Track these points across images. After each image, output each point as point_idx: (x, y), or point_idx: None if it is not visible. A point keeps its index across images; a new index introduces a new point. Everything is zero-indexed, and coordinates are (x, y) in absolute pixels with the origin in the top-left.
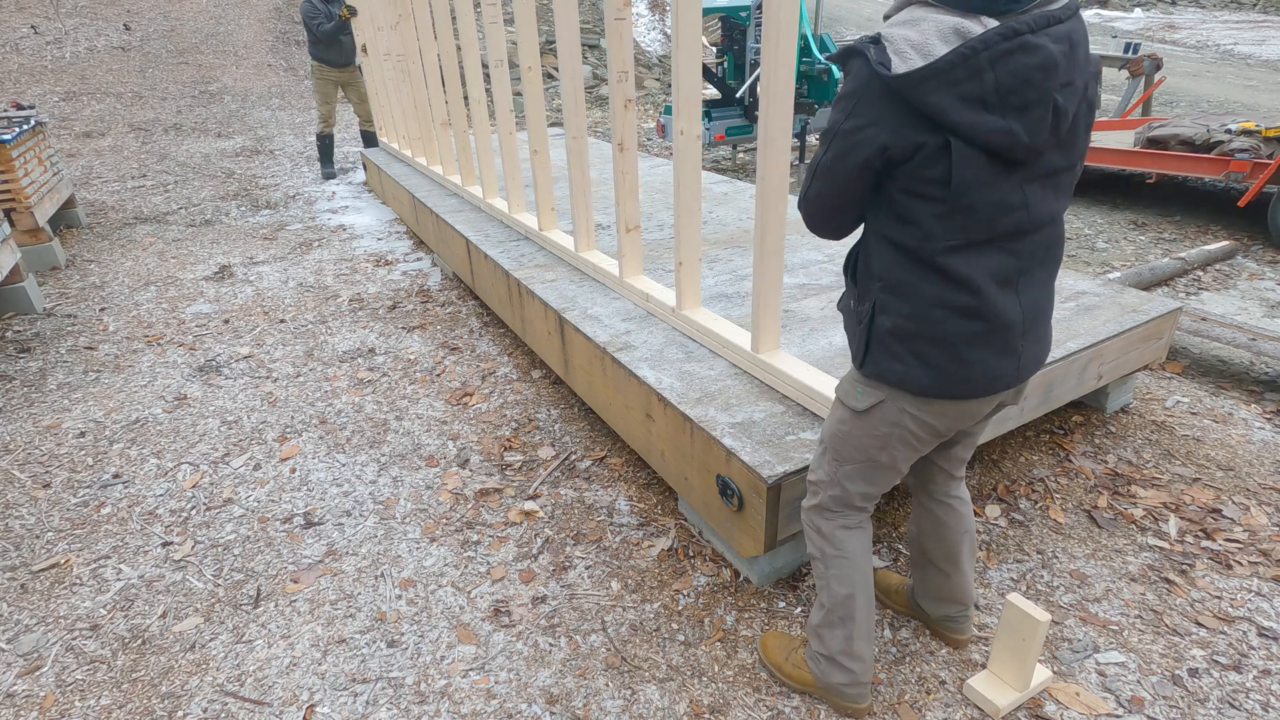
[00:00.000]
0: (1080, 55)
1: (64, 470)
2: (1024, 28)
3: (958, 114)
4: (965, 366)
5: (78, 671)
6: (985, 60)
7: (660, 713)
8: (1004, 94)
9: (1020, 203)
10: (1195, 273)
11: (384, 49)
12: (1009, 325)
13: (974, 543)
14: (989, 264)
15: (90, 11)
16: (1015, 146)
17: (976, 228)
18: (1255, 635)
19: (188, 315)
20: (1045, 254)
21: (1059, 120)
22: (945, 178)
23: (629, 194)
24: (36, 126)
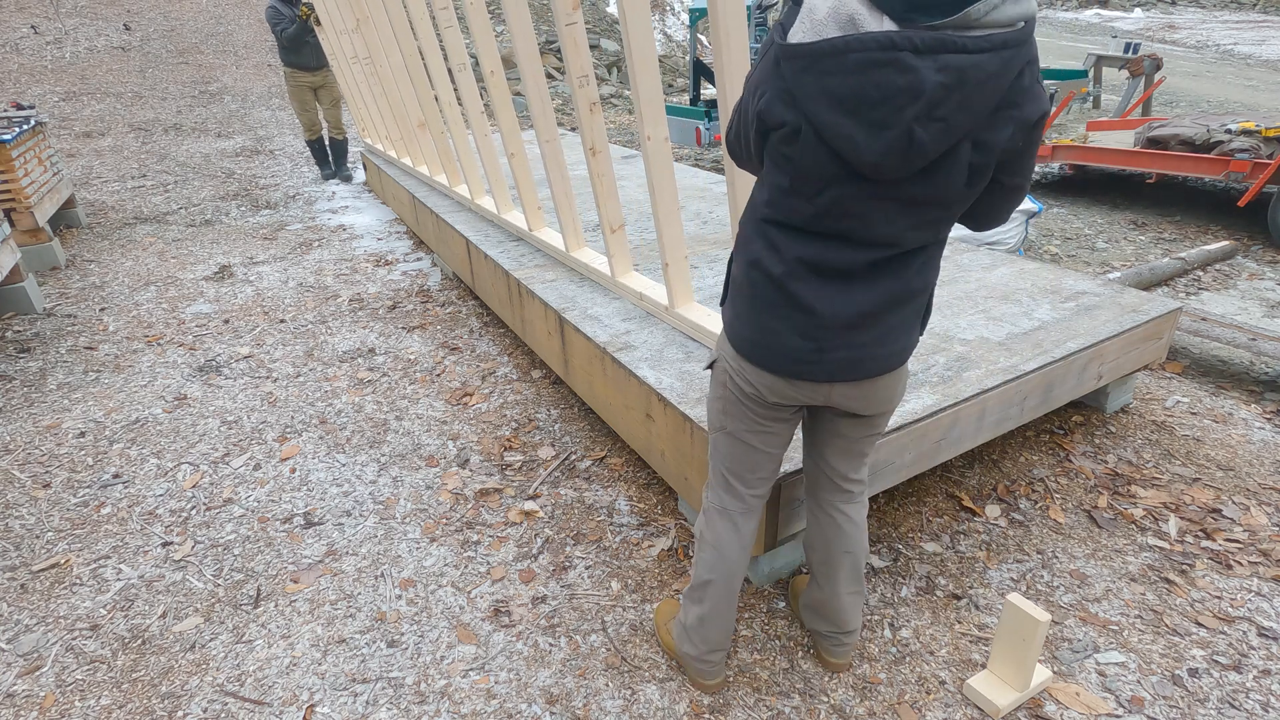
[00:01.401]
0: (973, 97)
1: (64, 470)
2: (907, 45)
3: (814, 103)
4: (766, 335)
5: (78, 671)
6: (854, 63)
7: (660, 713)
8: (863, 104)
9: (858, 214)
10: (1195, 272)
11: (350, 52)
12: (809, 310)
13: (856, 568)
14: (807, 249)
15: (90, 11)
16: (856, 158)
17: (805, 216)
18: (1255, 635)
19: (188, 315)
20: (889, 277)
21: (910, 151)
22: (795, 158)
23: (608, 195)
24: (36, 126)
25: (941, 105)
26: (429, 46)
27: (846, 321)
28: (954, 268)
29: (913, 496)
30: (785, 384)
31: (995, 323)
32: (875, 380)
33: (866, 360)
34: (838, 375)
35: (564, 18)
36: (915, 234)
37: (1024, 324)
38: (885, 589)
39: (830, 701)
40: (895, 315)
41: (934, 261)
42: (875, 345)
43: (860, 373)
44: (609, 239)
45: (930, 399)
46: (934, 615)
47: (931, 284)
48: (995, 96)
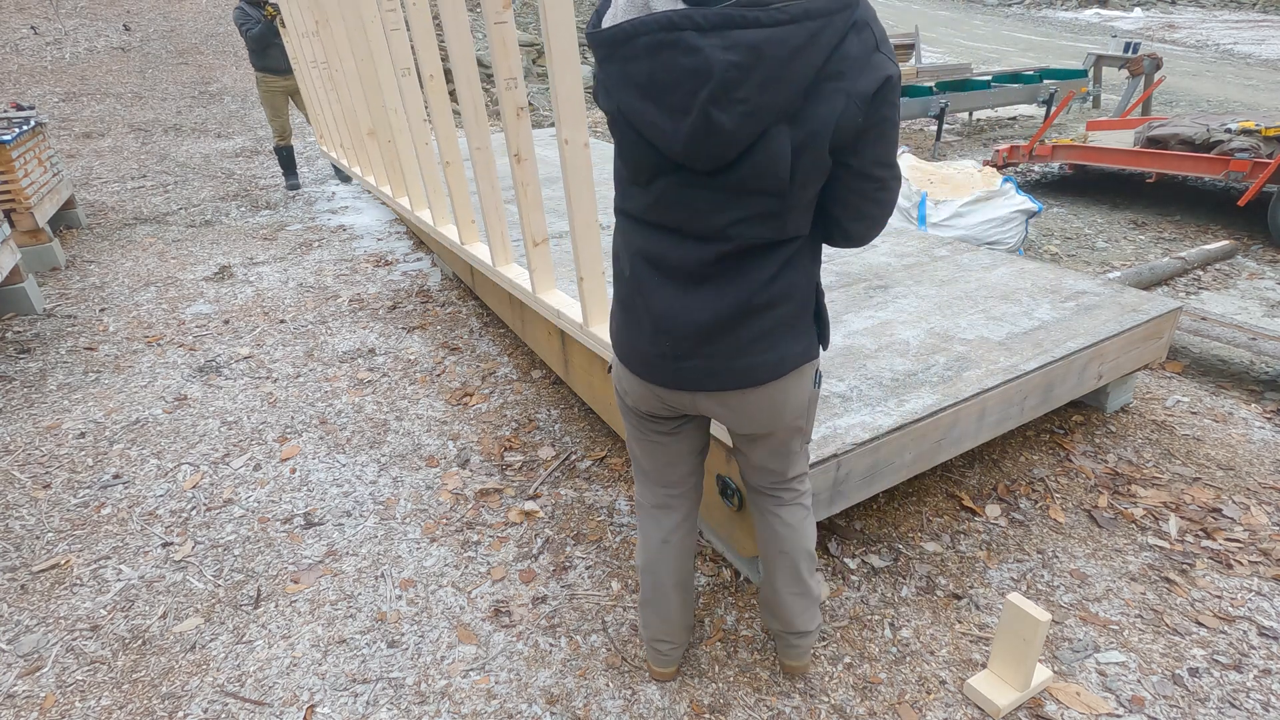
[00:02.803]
0: (777, 73)
1: (64, 471)
2: (687, 23)
3: (621, 91)
4: (628, 333)
5: (78, 672)
6: (644, 47)
7: (660, 713)
8: (660, 89)
9: (684, 204)
10: (1195, 272)
11: (310, 56)
12: (654, 315)
13: (794, 568)
14: (646, 241)
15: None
16: (665, 146)
17: (641, 205)
18: (1256, 635)
19: (188, 316)
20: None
21: (712, 137)
22: (621, 148)
23: (532, 206)
24: (36, 127)
25: (739, 85)
26: (378, 50)
27: (694, 329)
28: (954, 267)
29: (913, 496)
30: (647, 388)
31: (995, 322)
32: (743, 395)
33: (720, 372)
34: (690, 385)
35: (493, 15)
36: (749, 228)
37: (1024, 323)
38: (885, 589)
39: (830, 701)
40: (751, 325)
41: (796, 267)
42: (729, 357)
43: (715, 384)
44: (531, 252)
45: (930, 399)
46: (934, 615)
47: (798, 293)
48: (807, 71)
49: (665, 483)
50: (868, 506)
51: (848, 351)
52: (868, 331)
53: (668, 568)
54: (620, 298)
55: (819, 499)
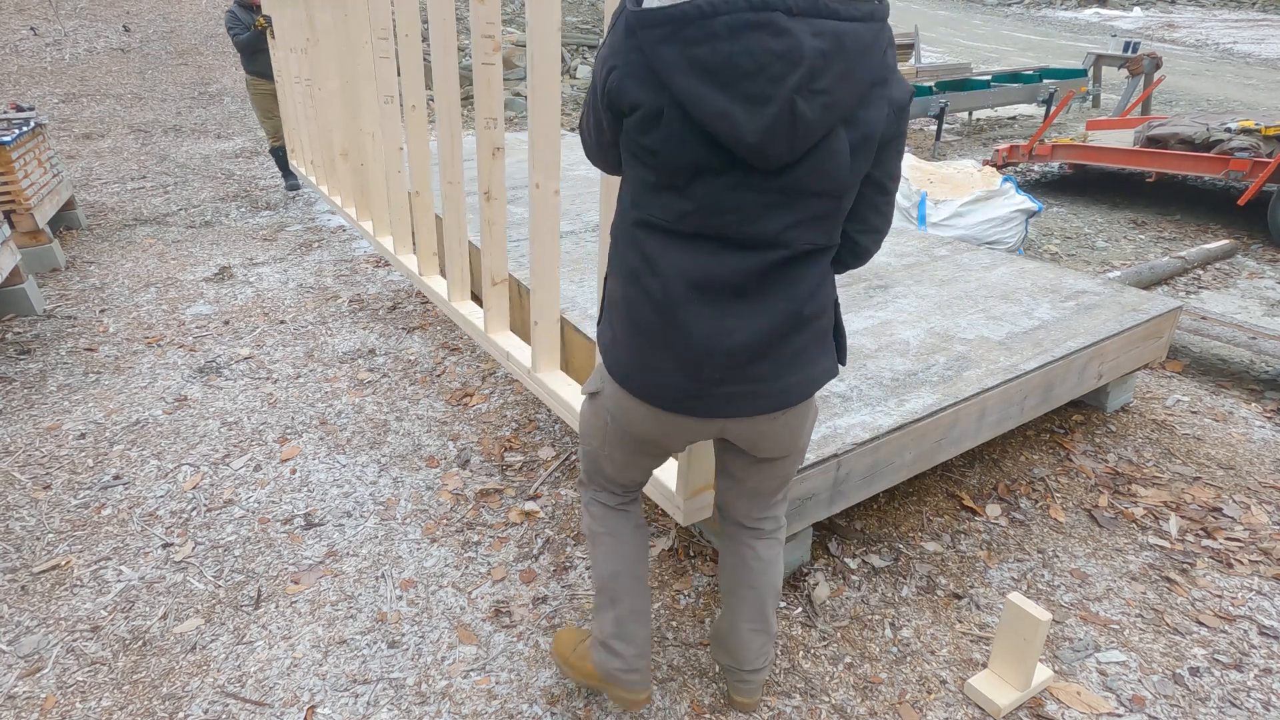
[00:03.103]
0: (854, 68)
1: (64, 472)
2: (779, 4)
3: (682, 78)
4: (646, 368)
5: (79, 673)
6: (723, 27)
7: (661, 713)
8: (737, 74)
9: (734, 206)
10: (1195, 271)
11: (294, 72)
12: (691, 341)
13: (759, 604)
14: (688, 258)
15: (90, 13)
16: (736, 141)
17: (677, 213)
18: (1256, 634)
19: (188, 316)
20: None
21: (795, 129)
22: (656, 147)
23: (496, 245)
24: (36, 128)
25: (823, 75)
26: (364, 74)
27: (739, 349)
28: (954, 267)
29: (913, 496)
30: (669, 418)
31: (995, 322)
32: (774, 417)
33: (761, 395)
34: (726, 412)
35: (481, 57)
36: (804, 232)
37: (1024, 323)
38: (886, 589)
39: (831, 701)
40: (794, 341)
41: (830, 276)
42: (772, 377)
43: (753, 409)
44: (488, 291)
45: (930, 398)
46: (935, 615)
47: (832, 302)
48: (871, 71)
49: (631, 489)
50: (868, 506)
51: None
52: (868, 331)
53: (641, 562)
54: (637, 323)
55: (819, 499)
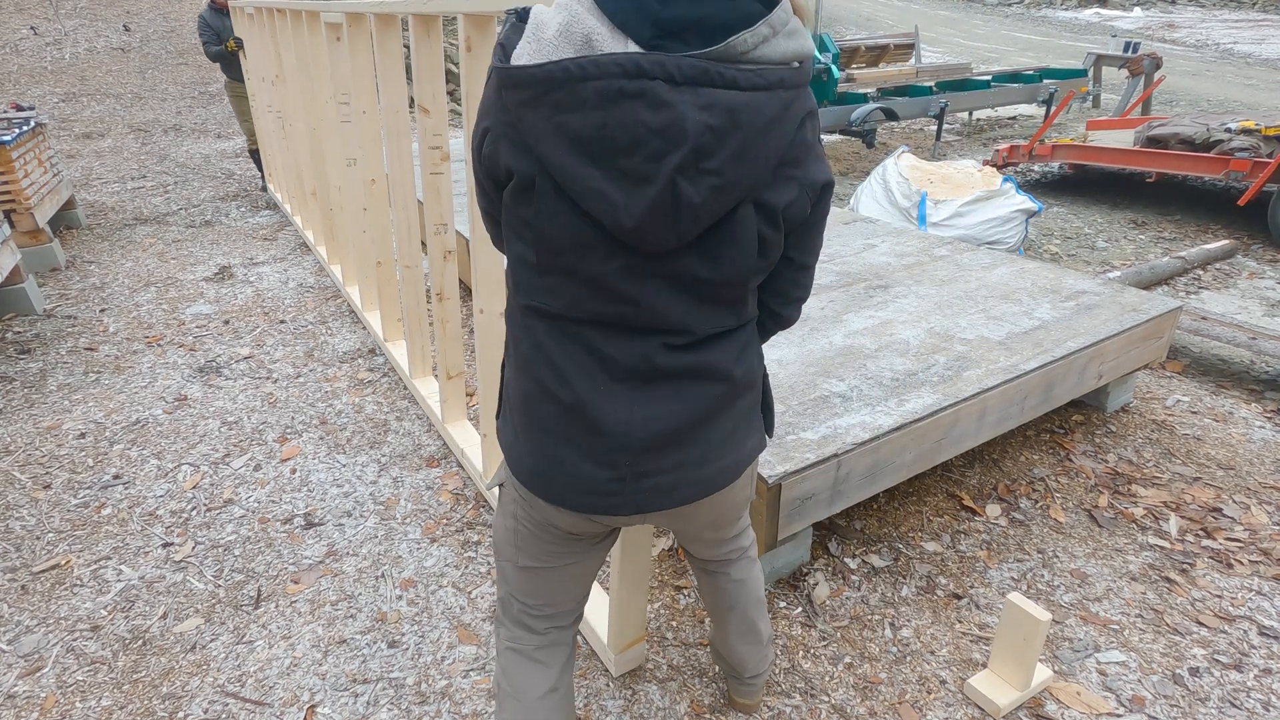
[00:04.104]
0: (752, 146)
1: (64, 471)
2: (659, 71)
3: (551, 149)
4: (552, 464)
5: (78, 672)
6: (593, 94)
7: (660, 713)
8: (611, 149)
9: (632, 297)
10: (1195, 271)
11: (266, 101)
12: (602, 431)
13: (745, 620)
14: (584, 347)
15: (90, 12)
16: (611, 222)
17: (568, 299)
18: (1256, 634)
19: (188, 316)
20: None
21: (679, 214)
22: (532, 222)
23: (451, 342)
24: (36, 128)
25: (713, 154)
26: (327, 131)
27: (655, 439)
28: (954, 267)
29: (913, 496)
30: (584, 519)
31: (995, 322)
32: (698, 504)
33: (685, 485)
34: (647, 506)
35: (430, 167)
36: (709, 317)
37: (1024, 323)
38: (886, 589)
39: (831, 701)
40: (718, 424)
41: (752, 349)
42: (695, 465)
43: (677, 499)
44: (444, 385)
45: (930, 398)
46: (935, 615)
47: (757, 379)
48: (778, 148)
49: (557, 615)
50: (868, 506)
51: (848, 351)
52: (868, 331)
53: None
54: (538, 420)
55: (819, 499)
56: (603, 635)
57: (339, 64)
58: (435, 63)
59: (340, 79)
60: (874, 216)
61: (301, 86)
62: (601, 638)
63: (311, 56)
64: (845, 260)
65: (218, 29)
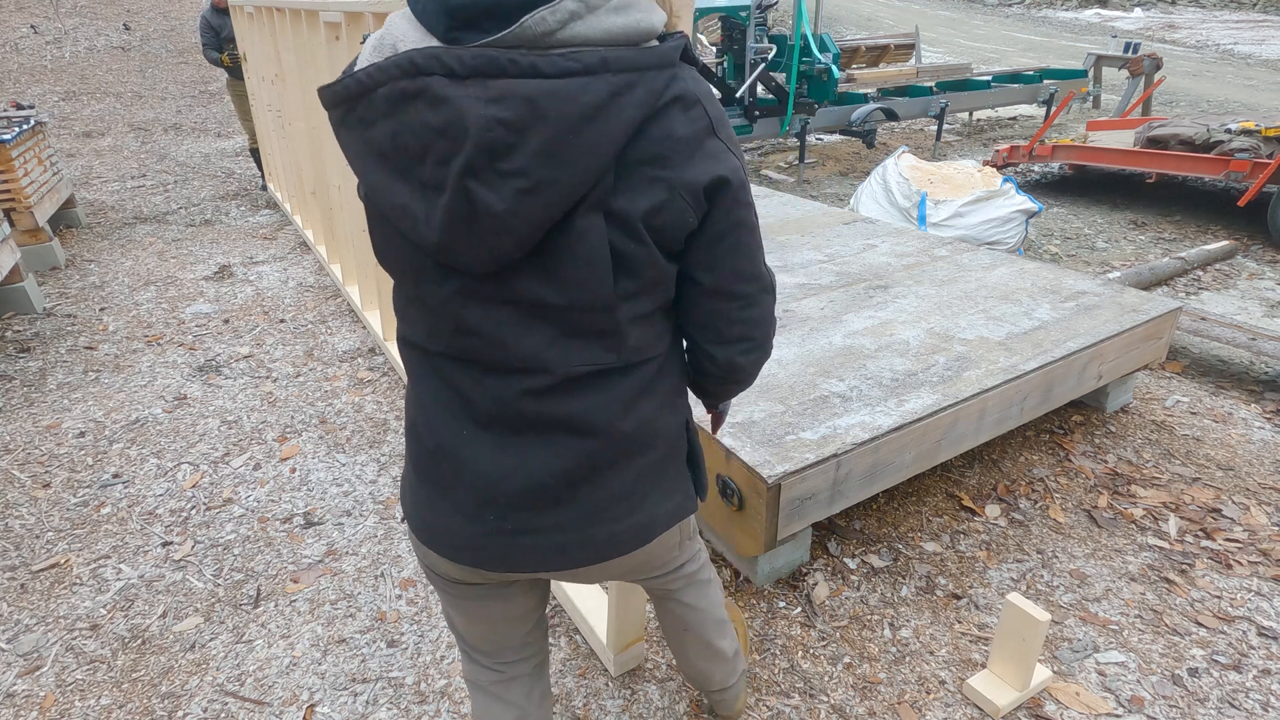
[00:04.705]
0: (569, 140)
1: (64, 470)
2: (435, 66)
3: (364, 167)
4: (425, 506)
5: (78, 671)
6: (382, 100)
7: (660, 712)
8: (407, 159)
9: (474, 327)
10: (1195, 272)
11: (266, 101)
12: (467, 483)
13: (702, 641)
14: (447, 385)
15: (90, 11)
16: (419, 239)
17: (425, 330)
18: (1255, 635)
19: (188, 315)
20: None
21: (478, 224)
22: (375, 243)
23: None
24: (36, 126)
25: (510, 153)
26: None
27: (528, 494)
28: (954, 267)
29: (913, 496)
30: (456, 568)
31: (995, 322)
32: (605, 566)
33: (575, 547)
34: (524, 565)
35: None
36: (572, 352)
37: (1024, 323)
38: (885, 589)
39: (830, 701)
40: (605, 484)
41: (654, 397)
42: (584, 524)
43: (567, 562)
44: None
45: (930, 399)
46: (934, 615)
47: (664, 433)
48: (609, 143)
49: (500, 653)
50: (868, 506)
51: (847, 351)
52: (868, 331)
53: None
54: (415, 461)
55: (819, 499)
56: (602, 635)
57: (338, 63)
58: None
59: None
60: (874, 216)
61: (301, 86)
62: (600, 638)
63: (310, 56)
64: (845, 260)
65: (218, 29)
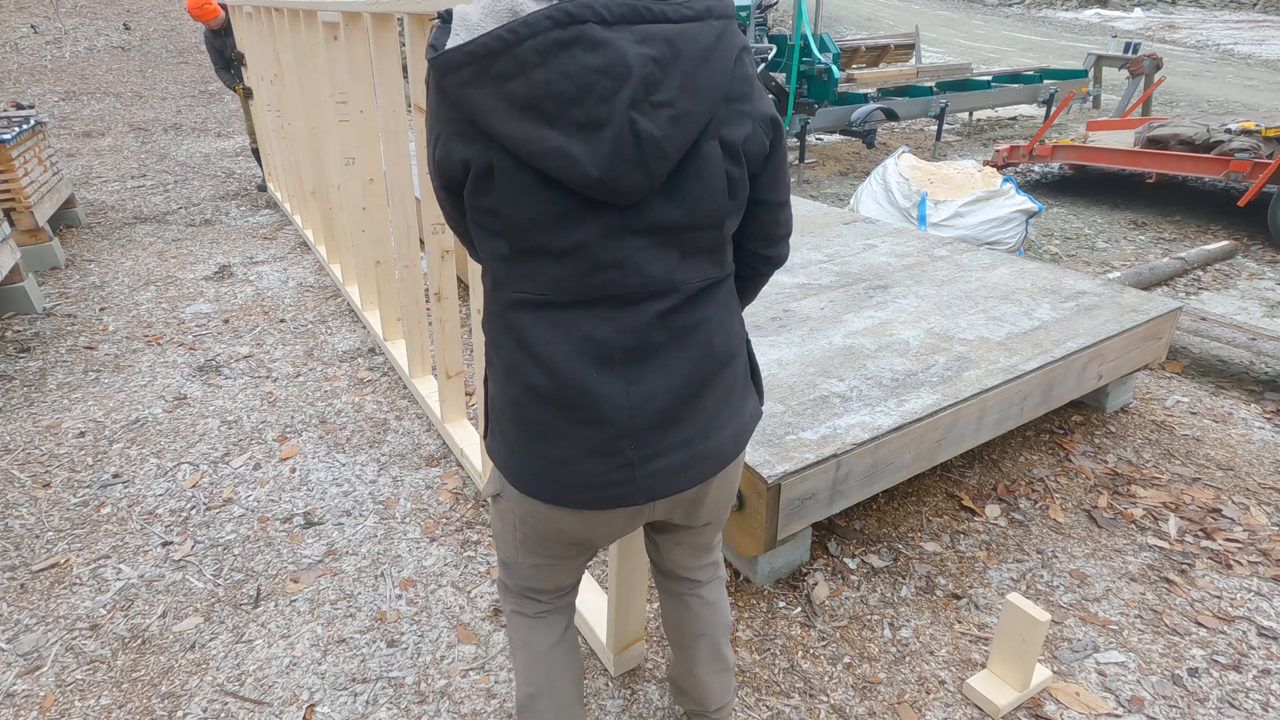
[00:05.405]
0: (697, 76)
1: (64, 470)
2: (589, 14)
3: (501, 121)
4: (549, 464)
5: (78, 671)
6: (532, 52)
7: (660, 712)
8: (562, 101)
9: (614, 259)
10: (1195, 272)
11: (265, 101)
12: (602, 419)
13: (713, 648)
14: (573, 332)
15: (90, 11)
16: (578, 177)
17: (549, 281)
18: (1255, 635)
19: (188, 315)
20: (688, 340)
21: (643, 151)
22: (497, 208)
23: (450, 342)
24: (36, 126)
25: (660, 86)
26: (326, 130)
27: (656, 417)
28: (954, 268)
29: (913, 496)
30: (595, 516)
31: (995, 322)
32: (709, 484)
33: (695, 461)
34: (662, 490)
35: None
36: (694, 268)
37: (1024, 323)
38: (885, 589)
39: (830, 701)
40: (714, 391)
41: (733, 310)
42: (700, 438)
43: (688, 480)
44: (443, 384)
45: (930, 399)
46: (934, 615)
47: (743, 340)
48: (722, 76)
49: (559, 591)
50: (868, 506)
51: (848, 351)
52: (868, 331)
53: (564, 679)
54: (532, 423)
55: (819, 499)
56: (602, 635)
57: (336, 63)
58: None
59: (338, 78)
60: (874, 216)
61: (300, 86)
62: (600, 638)
63: (309, 56)
64: (845, 260)
65: (220, 49)
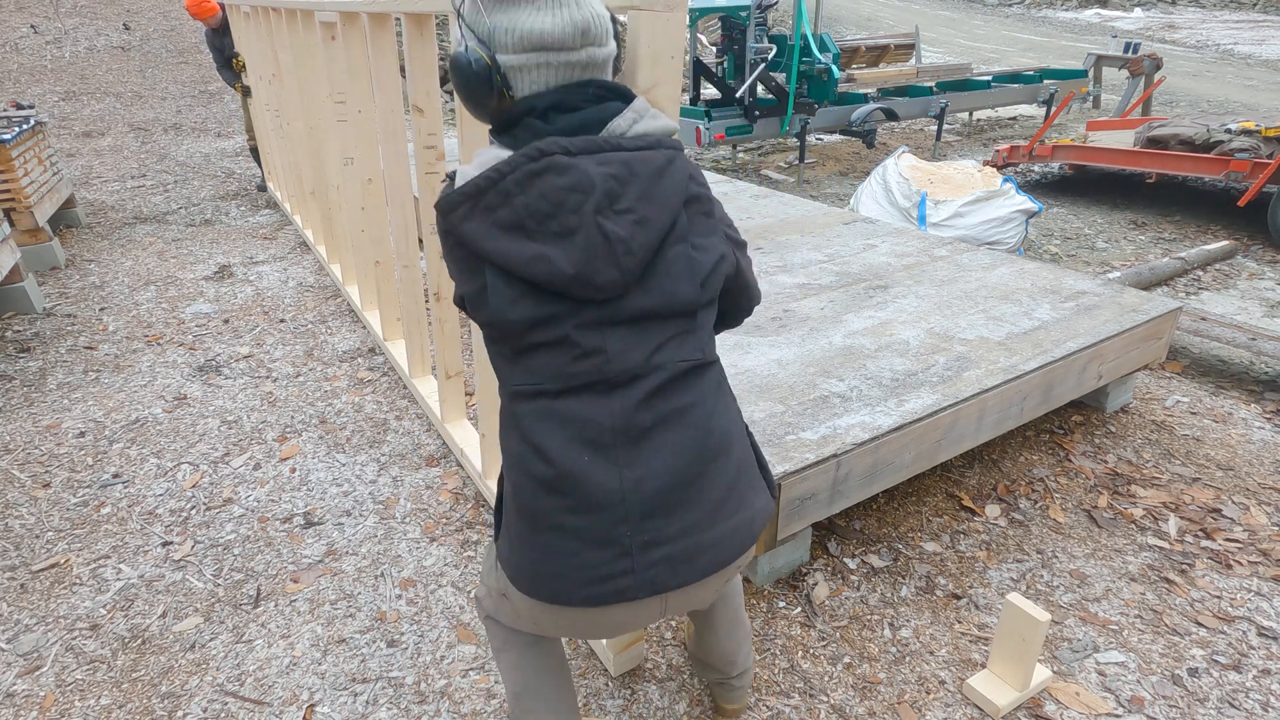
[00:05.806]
0: (654, 189)
1: (64, 470)
2: (555, 149)
3: (492, 241)
4: (551, 558)
5: (77, 671)
6: (512, 183)
7: (660, 712)
8: (539, 218)
9: (595, 346)
10: (1195, 272)
11: (264, 100)
12: (596, 503)
13: (734, 615)
14: (567, 420)
15: (90, 11)
16: (556, 277)
17: (540, 371)
18: (1255, 635)
19: (188, 315)
20: (670, 416)
21: (612, 249)
22: (491, 317)
23: (449, 341)
24: (36, 126)
25: (621, 197)
26: (325, 129)
27: (651, 501)
28: (954, 268)
29: (913, 496)
30: (597, 615)
31: (995, 322)
32: (720, 573)
33: (700, 551)
34: (662, 583)
35: (425, 166)
36: (673, 352)
37: (1024, 323)
38: (885, 589)
39: (830, 701)
40: (717, 475)
41: (726, 396)
42: (703, 527)
43: (694, 571)
44: (443, 384)
45: (930, 399)
46: (934, 615)
47: (740, 430)
48: (677, 189)
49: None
50: (868, 506)
51: (847, 351)
52: (868, 331)
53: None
54: (533, 513)
55: (819, 499)
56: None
57: (334, 63)
58: (429, 62)
59: (336, 78)
60: (874, 216)
61: (299, 86)
62: (601, 641)
63: (307, 56)
64: (845, 260)
65: (221, 49)
